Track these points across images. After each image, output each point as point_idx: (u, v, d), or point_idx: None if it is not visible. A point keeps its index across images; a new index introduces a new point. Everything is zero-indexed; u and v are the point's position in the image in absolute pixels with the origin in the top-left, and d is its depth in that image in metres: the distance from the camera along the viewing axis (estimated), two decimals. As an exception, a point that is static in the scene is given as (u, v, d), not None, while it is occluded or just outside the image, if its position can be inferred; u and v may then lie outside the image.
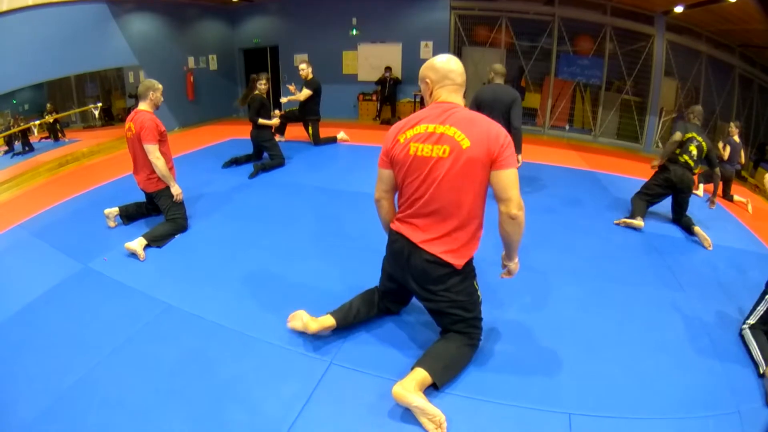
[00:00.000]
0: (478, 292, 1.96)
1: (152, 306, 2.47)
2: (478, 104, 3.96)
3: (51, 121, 7.34)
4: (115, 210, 3.54)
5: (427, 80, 1.83)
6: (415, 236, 1.83)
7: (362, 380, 1.90)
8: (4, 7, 5.28)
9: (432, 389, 1.80)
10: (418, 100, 8.45)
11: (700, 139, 3.69)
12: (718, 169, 3.76)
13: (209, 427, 1.68)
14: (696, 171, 3.71)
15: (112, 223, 3.52)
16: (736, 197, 4.93)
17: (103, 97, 8.96)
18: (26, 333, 2.28)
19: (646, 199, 3.83)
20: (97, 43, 6.73)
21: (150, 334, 2.24)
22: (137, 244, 3.04)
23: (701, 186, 5.00)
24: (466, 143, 1.66)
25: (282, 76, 9.57)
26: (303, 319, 2.08)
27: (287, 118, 6.29)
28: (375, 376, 1.91)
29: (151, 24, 7.71)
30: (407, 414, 1.69)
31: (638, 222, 3.58)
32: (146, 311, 2.42)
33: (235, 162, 5.31)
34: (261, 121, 5.17)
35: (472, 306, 1.91)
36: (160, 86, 3.37)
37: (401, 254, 1.89)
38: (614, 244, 3.35)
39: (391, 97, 8.69)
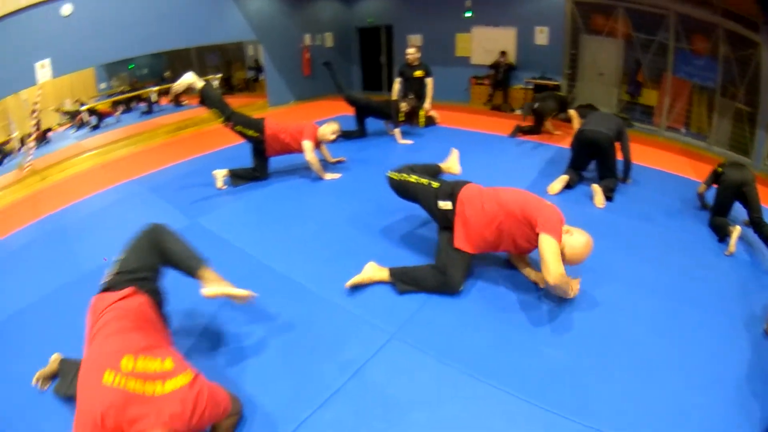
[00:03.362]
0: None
1: (247, 261, 2.77)
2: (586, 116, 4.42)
3: (159, 90, 7.94)
4: (224, 171, 3.89)
5: None
6: None
7: (420, 359, 1.97)
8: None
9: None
10: (531, 87, 8.08)
11: None
12: None
13: (273, 372, 1.92)
14: None
15: (220, 184, 3.87)
16: None
17: (224, 67, 9.67)
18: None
19: (723, 213, 3.43)
20: (215, 18, 7.12)
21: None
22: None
23: None
24: None
25: (396, 57, 9.66)
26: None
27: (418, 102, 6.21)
28: (433, 358, 1.97)
29: (268, 1, 8.10)
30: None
31: (735, 231, 3.13)
32: (241, 266, 2.70)
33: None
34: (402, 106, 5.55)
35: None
36: None
37: None
38: (704, 265, 2.90)
39: (504, 82, 8.36)
